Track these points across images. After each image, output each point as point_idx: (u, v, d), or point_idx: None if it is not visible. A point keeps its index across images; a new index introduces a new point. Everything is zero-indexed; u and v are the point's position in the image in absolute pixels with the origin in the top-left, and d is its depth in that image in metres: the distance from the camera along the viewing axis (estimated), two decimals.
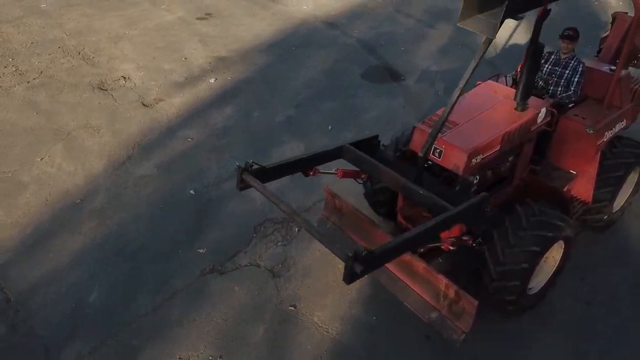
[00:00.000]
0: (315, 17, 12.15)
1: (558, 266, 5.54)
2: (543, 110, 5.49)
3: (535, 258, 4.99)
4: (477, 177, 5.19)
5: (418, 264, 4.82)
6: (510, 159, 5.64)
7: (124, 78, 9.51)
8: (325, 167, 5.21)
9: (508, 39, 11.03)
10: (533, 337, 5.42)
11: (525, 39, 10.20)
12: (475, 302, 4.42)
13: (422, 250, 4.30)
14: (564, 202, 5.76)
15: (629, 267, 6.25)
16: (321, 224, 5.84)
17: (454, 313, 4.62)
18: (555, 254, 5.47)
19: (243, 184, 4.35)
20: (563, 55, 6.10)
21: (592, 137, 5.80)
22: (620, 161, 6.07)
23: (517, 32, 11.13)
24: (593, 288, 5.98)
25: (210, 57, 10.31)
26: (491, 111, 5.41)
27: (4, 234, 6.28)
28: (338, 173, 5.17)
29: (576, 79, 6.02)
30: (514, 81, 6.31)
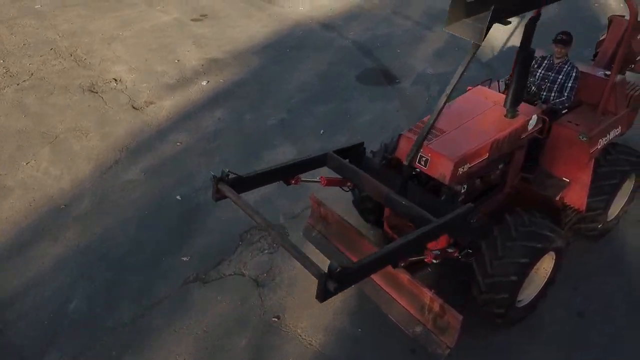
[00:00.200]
0: (311, 19, 12.02)
1: (549, 277, 5.39)
2: (534, 117, 5.34)
3: (524, 270, 4.85)
4: (465, 186, 5.04)
5: (403, 276, 4.68)
6: (500, 167, 5.49)
7: (115, 80, 9.40)
8: (309, 175, 5.08)
9: (506, 41, 10.86)
10: (522, 350, 5.28)
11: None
12: (460, 317, 4.28)
13: (403, 264, 4.15)
14: (556, 211, 5.60)
15: (624, 276, 6.10)
16: (307, 232, 5.70)
17: (439, 327, 4.47)
18: (546, 265, 5.32)
19: (219, 194, 4.21)
20: (556, 60, 5.95)
21: (586, 145, 5.65)
22: (614, 169, 5.92)
23: (516, 34, 10.95)
24: (587, 297, 5.84)
25: (203, 59, 10.19)
26: (480, 118, 5.26)
27: None
28: (322, 181, 5.03)
29: (570, 85, 5.87)
30: (507, 86, 6.16)
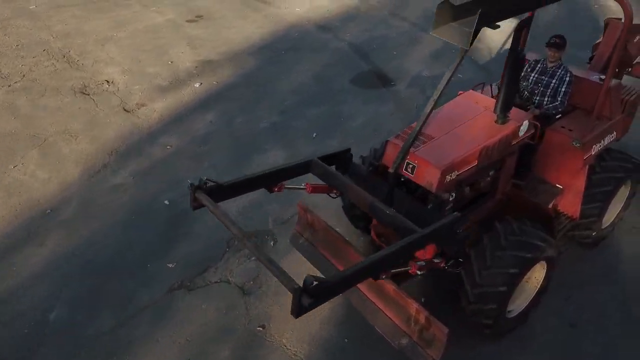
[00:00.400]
0: (307, 20, 11.91)
1: (541, 287, 5.26)
2: (525, 122, 5.20)
3: (513, 280, 4.72)
4: (453, 194, 4.91)
5: (389, 286, 4.55)
6: (490, 174, 5.36)
7: (108, 82, 9.31)
8: (294, 182, 4.96)
9: (504, 43, 10.72)
10: None
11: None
12: (446, 330, 4.16)
13: (385, 276, 4.03)
14: (548, 219, 5.47)
15: (618, 285, 5.98)
16: (294, 240, 5.58)
17: (425, 340, 4.35)
18: (537, 275, 5.20)
19: (196, 203, 4.09)
20: (550, 63, 5.83)
21: (579, 151, 5.52)
22: (609, 175, 5.78)
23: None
24: (580, 306, 5.72)
25: (197, 61, 10.09)
26: (470, 124, 5.13)
27: None
28: (307, 188, 4.92)
29: (563, 89, 5.75)
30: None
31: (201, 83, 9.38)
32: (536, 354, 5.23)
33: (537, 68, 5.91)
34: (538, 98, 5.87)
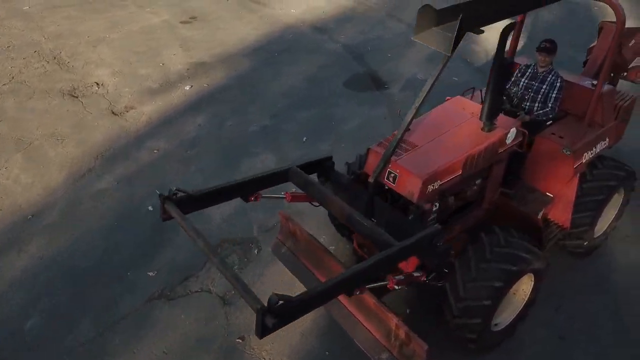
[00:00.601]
0: (303, 21, 11.78)
1: (529, 299, 5.10)
2: (513, 130, 5.03)
3: (498, 294, 4.57)
4: (437, 204, 4.76)
5: (369, 299, 4.41)
6: (477, 183, 5.20)
7: (97, 84, 9.20)
8: (271, 191, 4.83)
9: None
10: None
11: (522, 44, 9.76)
12: (425, 347, 4.01)
13: (359, 292, 3.89)
14: (537, 229, 5.30)
15: (610, 294, 5.82)
16: (276, 249, 5.45)
17: (405, 355, 4.20)
18: (525, 287, 5.05)
19: (165, 215, 3.96)
20: (540, 68, 5.67)
21: (570, 158, 5.36)
22: (601, 183, 5.63)
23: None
24: (570, 316, 5.56)
25: (189, 63, 9.98)
26: (455, 131, 4.97)
27: None
28: (287, 197, 4.78)
29: (554, 95, 5.59)
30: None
31: (192, 85, 9.26)
32: None
33: (528, 73, 5.76)
34: (528, 104, 5.71)
